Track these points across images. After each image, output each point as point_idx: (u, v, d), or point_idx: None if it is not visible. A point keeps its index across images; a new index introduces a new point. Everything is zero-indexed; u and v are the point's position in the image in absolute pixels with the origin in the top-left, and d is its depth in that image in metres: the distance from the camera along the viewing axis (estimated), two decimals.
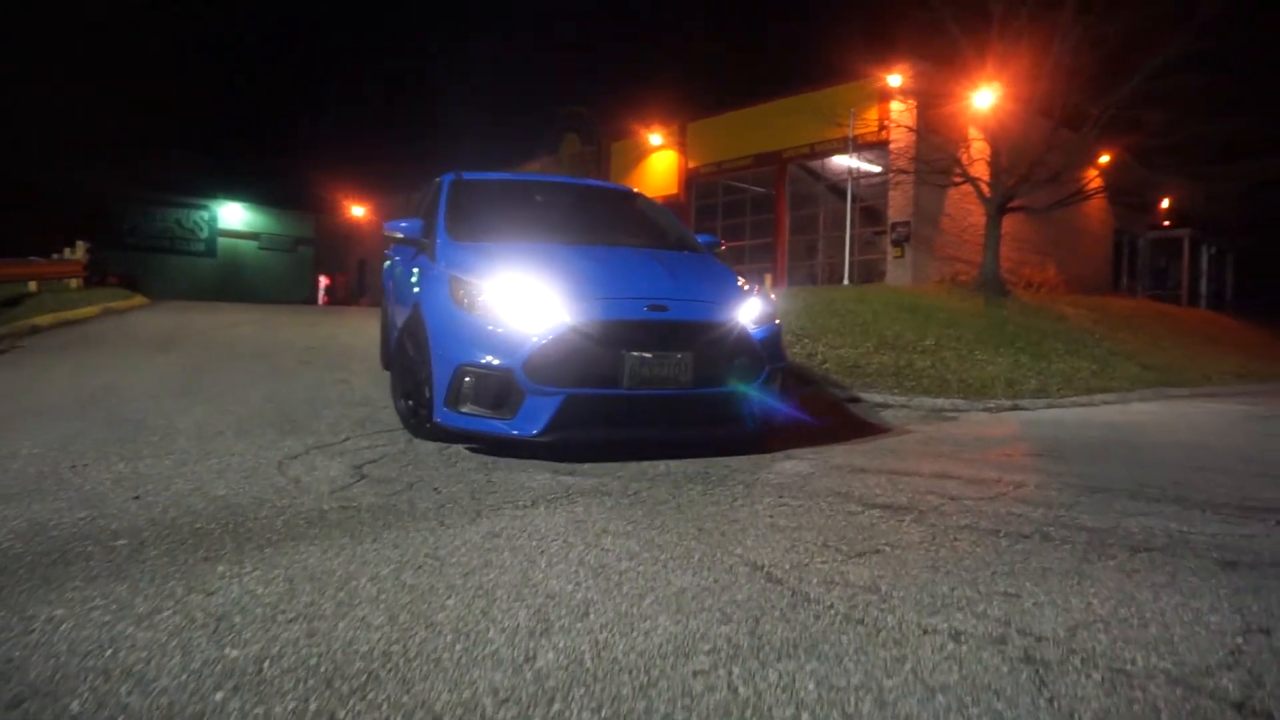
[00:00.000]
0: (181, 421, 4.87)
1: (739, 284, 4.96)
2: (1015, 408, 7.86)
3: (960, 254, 19.78)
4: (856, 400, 7.78)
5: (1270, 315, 28.46)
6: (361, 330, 11.49)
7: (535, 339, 4.13)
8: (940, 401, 7.83)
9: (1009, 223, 15.94)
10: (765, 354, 4.61)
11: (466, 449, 4.43)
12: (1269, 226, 23.77)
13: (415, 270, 5.37)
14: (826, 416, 6.60)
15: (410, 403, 4.84)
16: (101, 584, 2.15)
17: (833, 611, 1.97)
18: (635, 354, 4.18)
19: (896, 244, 19.27)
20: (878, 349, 9.97)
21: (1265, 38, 12.23)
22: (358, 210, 37.66)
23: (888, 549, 2.58)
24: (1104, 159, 17.80)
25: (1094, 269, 24.81)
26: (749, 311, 4.68)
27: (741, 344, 4.52)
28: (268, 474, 3.63)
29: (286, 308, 18.46)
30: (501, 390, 4.22)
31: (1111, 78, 13.85)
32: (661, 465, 4.16)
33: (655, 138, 25.01)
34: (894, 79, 18.13)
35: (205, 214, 39.41)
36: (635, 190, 6.73)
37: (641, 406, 4.31)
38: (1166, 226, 27.65)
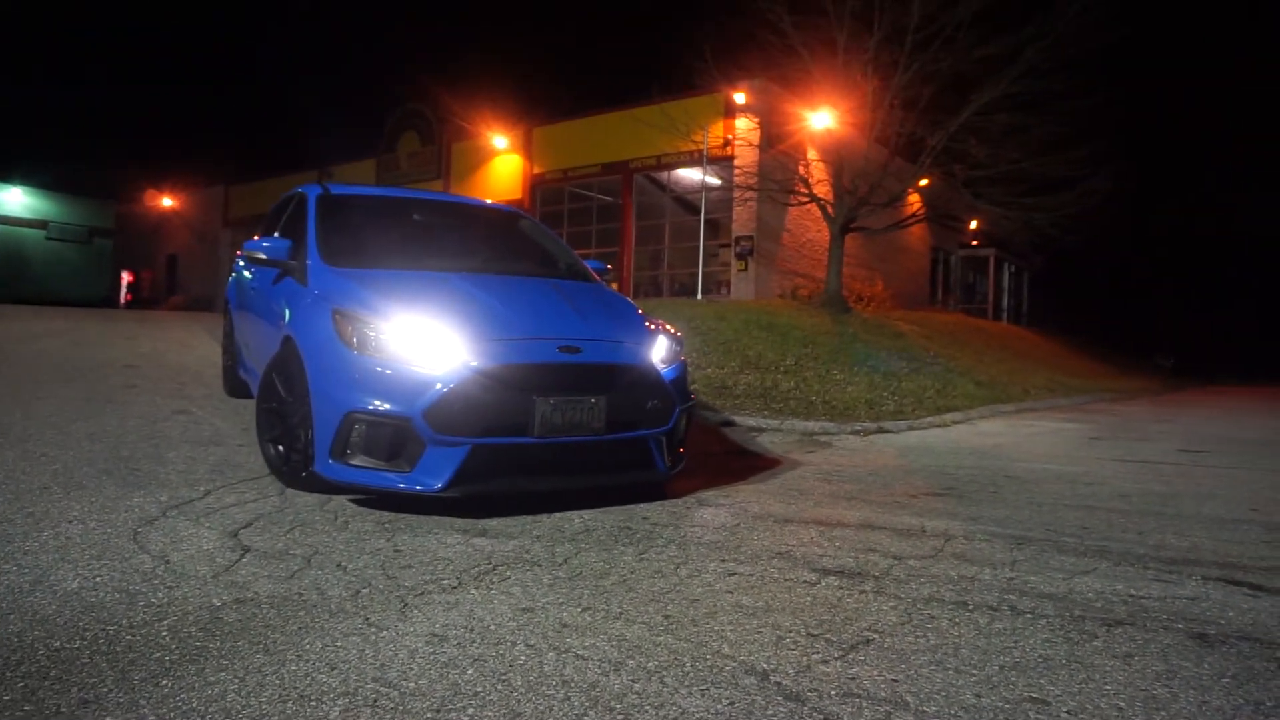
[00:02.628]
0: None
1: (645, 320, 4.74)
2: (880, 430, 8.10)
3: (799, 268, 20.56)
4: (731, 424, 7.77)
5: (1059, 328, 31.62)
6: (190, 344, 10.37)
7: (439, 384, 3.73)
8: (811, 425, 7.95)
9: (845, 241, 16.67)
10: (675, 394, 4.42)
11: (352, 502, 3.95)
12: (1056, 249, 26.36)
13: (283, 297, 4.77)
14: (712, 446, 6.51)
15: (280, 449, 4.29)
16: None
17: None
18: (547, 399, 3.86)
19: (740, 258, 19.73)
20: (742, 369, 10.06)
21: (1078, 86, 13.43)
22: (167, 201, 34.46)
23: (876, 637, 2.43)
24: (924, 182, 18.98)
25: (914, 284, 26.53)
26: (658, 350, 4.47)
27: (654, 386, 4.30)
28: (124, 550, 3.04)
29: (92, 313, 16.49)
30: (398, 440, 3.79)
31: (943, 112, 14.78)
32: (576, 519, 3.87)
33: (500, 141, 24.42)
34: (740, 96, 18.56)
35: None
36: (520, 210, 6.37)
37: (554, 455, 4.00)
38: (975, 245, 30.02)
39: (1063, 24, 12.97)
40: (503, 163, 24.93)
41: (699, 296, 18.29)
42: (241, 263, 6.30)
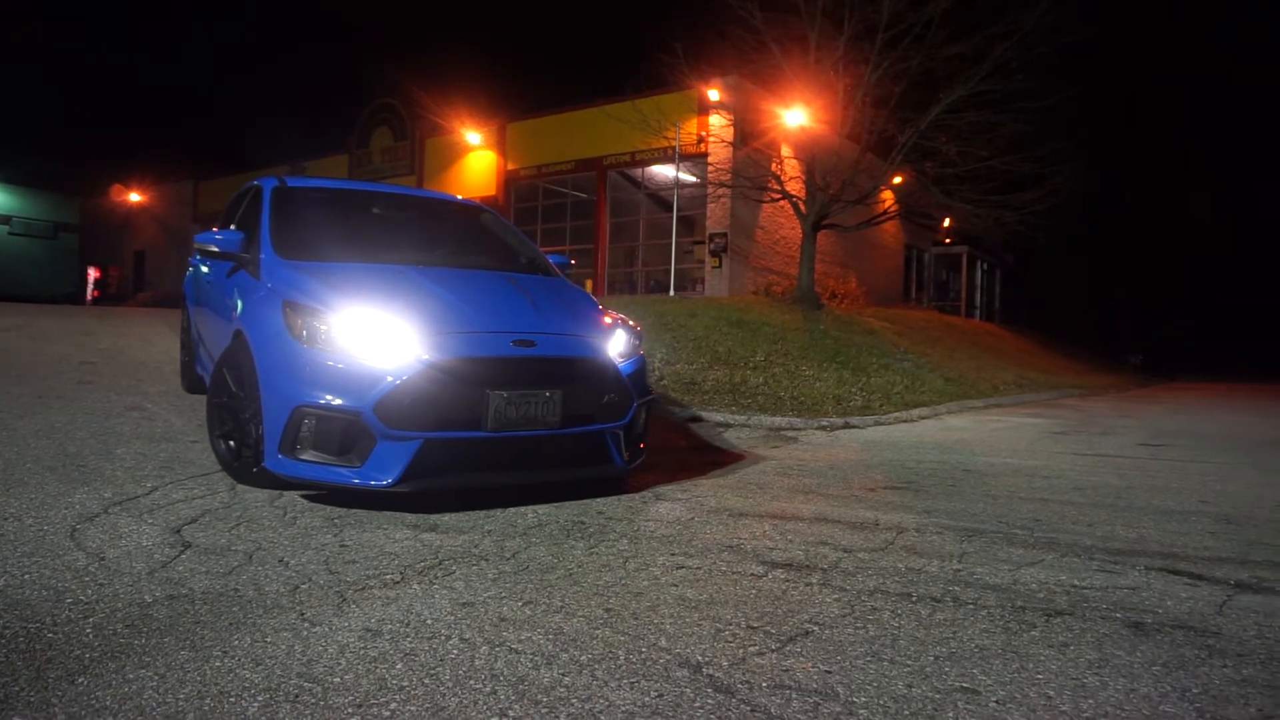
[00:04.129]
0: None
1: (603, 314, 4.71)
2: (847, 426, 8.13)
3: (774, 265, 20.60)
4: (698, 420, 7.76)
5: (1031, 326, 32.00)
6: (151, 340, 10.22)
7: (389, 378, 3.67)
8: (778, 420, 7.96)
9: (818, 238, 16.73)
10: (634, 388, 4.40)
11: (303, 498, 3.90)
12: (1031, 247, 26.67)
13: (235, 289, 4.70)
14: (677, 441, 6.50)
15: (231, 444, 4.22)
16: None
17: None
18: (500, 393, 3.82)
19: (715, 255, 19.75)
20: (712, 365, 10.06)
21: (1044, 84, 13.56)
22: (135, 196, 33.96)
23: (816, 629, 2.42)
24: (898, 180, 19.09)
25: (888, 281, 26.68)
26: (616, 344, 4.45)
27: (611, 380, 4.27)
28: (59, 547, 2.97)
29: (51, 309, 16.21)
30: (348, 435, 3.73)
31: (914, 109, 14.85)
32: (530, 514, 3.84)
33: (473, 136, 24.27)
34: (714, 93, 18.55)
35: None
36: (482, 204, 6.31)
37: (507, 449, 3.97)
38: (948, 243, 30.25)
39: (1028, 22, 13.07)
40: (477, 159, 24.79)
41: (671, 293, 18.27)
42: (199, 256, 6.20)
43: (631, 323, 4.81)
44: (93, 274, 33.56)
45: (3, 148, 36.27)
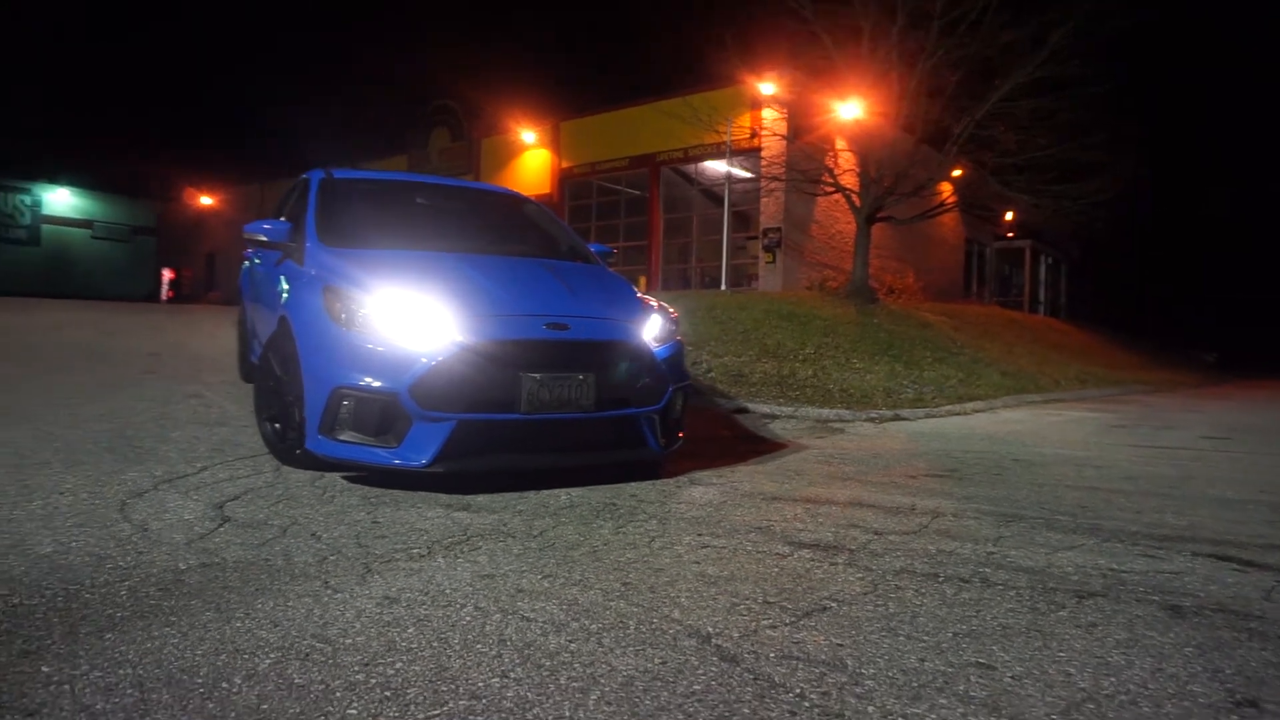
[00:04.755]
0: None
1: (639, 299, 4.71)
2: (896, 418, 7.99)
3: (829, 260, 20.34)
4: (744, 411, 7.71)
5: (1096, 321, 30.97)
6: (215, 334, 10.56)
7: (424, 359, 3.74)
8: (825, 412, 7.86)
9: (874, 231, 16.48)
10: (669, 373, 4.39)
11: (344, 479, 3.98)
12: (1094, 241, 25.86)
13: (281, 277, 4.84)
14: (720, 431, 6.47)
15: (277, 426, 4.34)
16: None
17: (806, 704, 1.73)
18: (534, 375, 3.85)
19: (768, 250, 19.58)
20: (760, 357, 9.98)
21: (1102, 69, 13.14)
22: (206, 199, 35.18)
23: (834, 605, 2.38)
24: (957, 173, 18.68)
25: (948, 276, 26.11)
26: (651, 329, 4.44)
27: (645, 363, 4.27)
28: (107, 519, 3.09)
29: (126, 306, 16.89)
30: (385, 416, 3.80)
31: (969, 99, 14.51)
32: (563, 495, 3.86)
33: (528, 135, 24.51)
34: (767, 87, 18.39)
35: (27, 198, 35.76)
36: (525, 195, 6.37)
37: (541, 432, 4.00)
38: (1010, 237, 29.49)
39: (1085, 8, 12.68)
40: (532, 157, 25.04)
41: (724, 288, 18.20)
42: (249, 248, 6.39)
43: (668, 308, 4.80)
44: (167, 275, 34.88)
45: (86, 154, 37.89)
